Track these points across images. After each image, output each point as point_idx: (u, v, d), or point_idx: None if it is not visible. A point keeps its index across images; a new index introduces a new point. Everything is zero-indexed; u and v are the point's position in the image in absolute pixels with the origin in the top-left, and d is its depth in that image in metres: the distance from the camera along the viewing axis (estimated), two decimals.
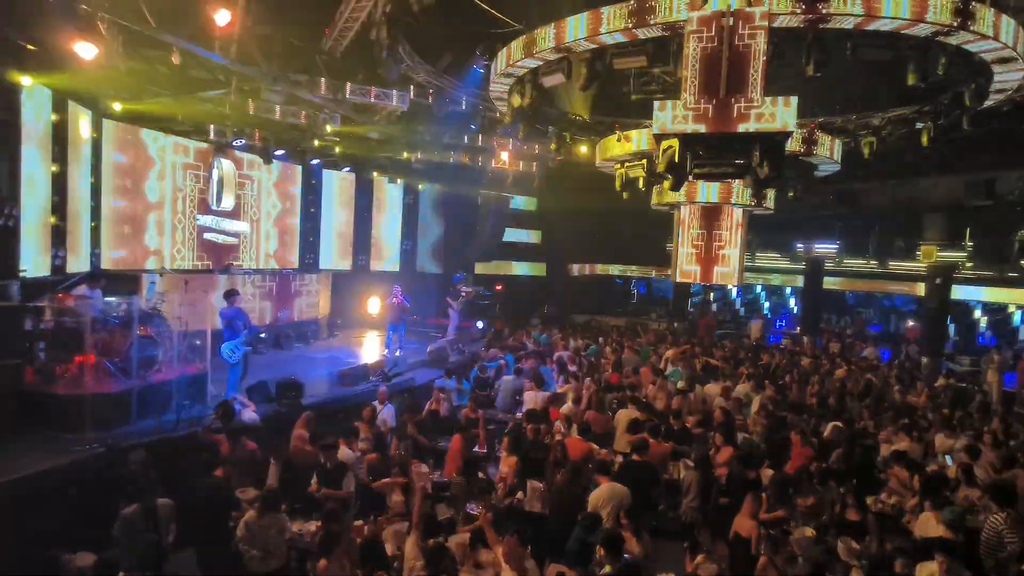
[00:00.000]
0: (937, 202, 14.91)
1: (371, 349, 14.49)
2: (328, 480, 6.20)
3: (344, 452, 6.52)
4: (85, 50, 6.64)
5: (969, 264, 15.91)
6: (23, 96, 8.24)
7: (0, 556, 5.54)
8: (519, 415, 9.82)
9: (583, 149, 13.42)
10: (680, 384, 10.69)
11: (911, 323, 20.34)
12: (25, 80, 8.14)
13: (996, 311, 19.43)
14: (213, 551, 5.35)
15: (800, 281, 21.44)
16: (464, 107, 13.09)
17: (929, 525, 5.45)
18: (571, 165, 16.95)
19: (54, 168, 9.40)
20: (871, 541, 5.64)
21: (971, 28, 6.07)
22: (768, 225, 18.35)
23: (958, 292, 16.69)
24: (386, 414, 8.46)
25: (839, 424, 8.43)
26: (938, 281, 15.45)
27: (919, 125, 9.29)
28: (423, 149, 15.72)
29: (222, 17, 7.48)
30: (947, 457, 7.76)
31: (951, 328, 18.97)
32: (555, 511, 6.07)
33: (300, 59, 10.71)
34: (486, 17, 9.53)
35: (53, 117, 9.32)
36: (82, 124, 10.41)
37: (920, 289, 17.22)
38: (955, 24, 6.06)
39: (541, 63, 8.02)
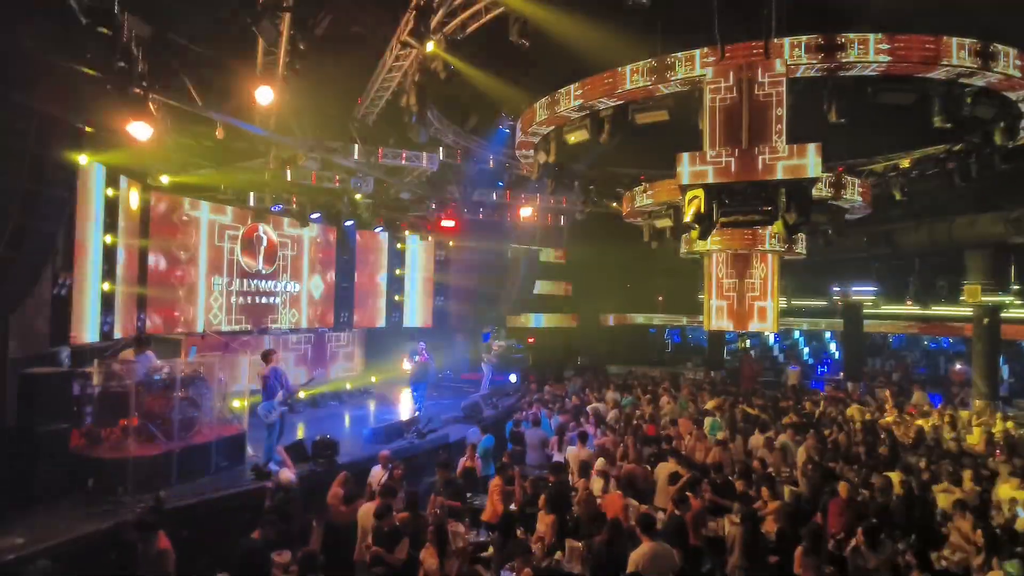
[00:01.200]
0: (977, 240, 14.51)
1: (406, 406, 14.50)
2: (383, 543, 6.17)
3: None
4: (139, 130, 7.11)
5: (1018, 302, 15.32)
6: (79, 173, 8.81)
7: None
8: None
9: (610, 201, 13.59)
10: (720, 435, 10.38)
11: (958, 366, 19.52)
12: (82, 159, 8.74)
13: None
14: None
15: (830, 325, 20.84)
16: (491, 165, 13.49)
17: None
18: (599, 216, 17.12)
19: (107, 238, 9.92)
20: None
21: (993, 69, 6.08)
22: (803, 269, 18.05)
23: None
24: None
25: (888, 475, 8.03)
26: (986, 321, 14.87)
27: (950, 165, 9.19)
28: (453, 207, 16.13)
29: (263, 95, 7.95)
30: (1020, 509, 7.28)
31: (1005, 369, 18.12)
32: (596, 572, 5.86)
33: (334, 127, 11.26)
34: (512, 78, 9.92)
35: (107, 191, 9.90)
36: (132, 196, 11.02)
37: (968, 330, 16.58)
38: (976, 65, 6.08)
39: (565, 121, 8.27)
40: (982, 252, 14.81)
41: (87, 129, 8.50)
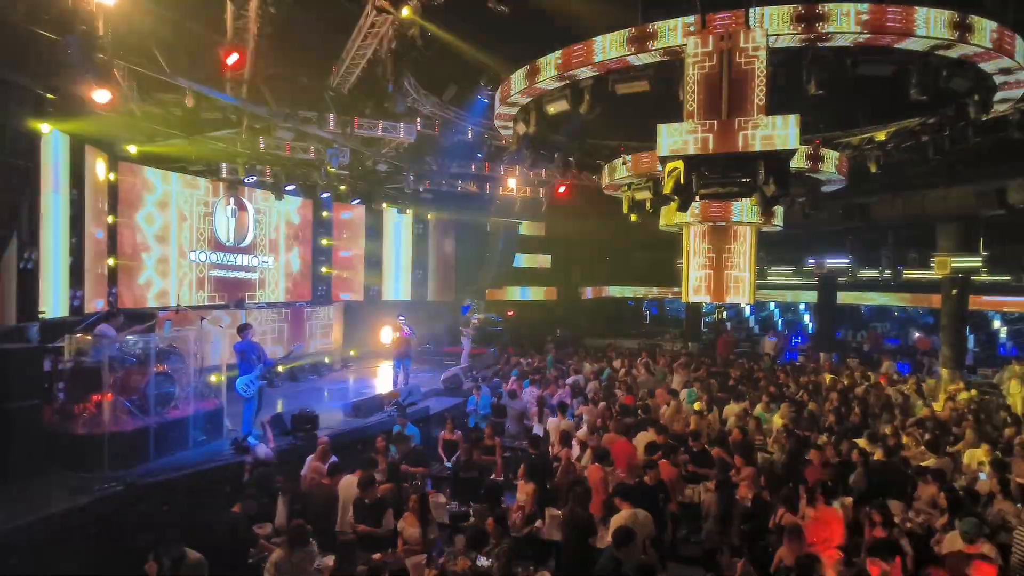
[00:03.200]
0: (948, 213, 14.80)
1: (385, 379, 14.49)
2: (366, 516, 6.15)
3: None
4: (101, 96, 6.85)
5: (985, 272, 15.75)
6: (42, 142, 8.47)
7: None
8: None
9: (589, 173, 13.53)
10: (697, 405, 10.57)
11: (918, 335, 20.13)
12: (44, 127, 8.39)
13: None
14: None
15: (810, 296, 21.30)
16: (470, 136, 13.30)
17: (957, 544, 5.31)
18: (578, 189, 17.08)
19: (72, 211, 9.61)
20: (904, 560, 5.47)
21: (970, 40, 6.11)
22: (778, 241, 18.27)
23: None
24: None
25: (855, 441, 8.29)
26: (954, 292, 15.23)
27: (924, 138, 9.28)
28: (431, 179, 15.92)
29: (231, 58, 7.70)
30: (981, 475, 7.55)
31: (971, 339, 18.67)
32: (567, 538, 5.96)
33: (309, 96, 10.96)
34: (489, 48, 9.73)
35: (71, 161, 9.56)
36: (99, 167, 10.67)
37: (936, 301, 17.00)
38: (954, 37, 6.10)
39: (544, 91, 8.14)
40: (952, 225, 15.11)
41: (48, 96, 8.15)
